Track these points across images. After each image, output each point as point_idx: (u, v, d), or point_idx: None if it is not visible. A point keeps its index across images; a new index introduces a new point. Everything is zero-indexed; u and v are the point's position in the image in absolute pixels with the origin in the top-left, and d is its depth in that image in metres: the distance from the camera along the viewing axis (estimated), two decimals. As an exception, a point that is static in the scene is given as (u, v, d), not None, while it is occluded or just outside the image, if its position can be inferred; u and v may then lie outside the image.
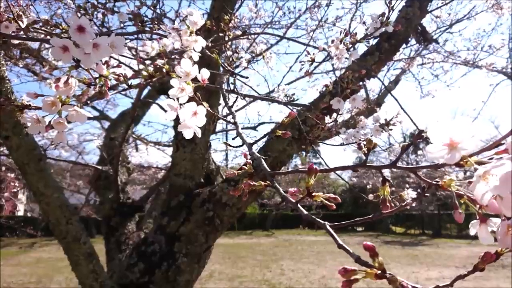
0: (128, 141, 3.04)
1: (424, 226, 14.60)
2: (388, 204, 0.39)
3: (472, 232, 0.35)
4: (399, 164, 0.37)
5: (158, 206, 2.38)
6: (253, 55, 2.55)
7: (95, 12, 0.94)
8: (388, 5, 0.80)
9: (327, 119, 1.40)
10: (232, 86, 1.12)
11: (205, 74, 0.59)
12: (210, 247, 1.86)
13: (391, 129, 1.07)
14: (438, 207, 13.40)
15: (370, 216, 0.40)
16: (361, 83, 2.12)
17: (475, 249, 9.28)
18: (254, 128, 2.46)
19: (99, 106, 3.63)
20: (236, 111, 2.19)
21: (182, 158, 1.89)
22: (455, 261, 7.53)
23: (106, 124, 3.39)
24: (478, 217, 0.34)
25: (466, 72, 3.83)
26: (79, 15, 0.90)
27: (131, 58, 0.70)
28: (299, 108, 1.21)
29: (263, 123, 2.38)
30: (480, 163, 0.29)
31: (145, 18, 1.07)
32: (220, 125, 3.24)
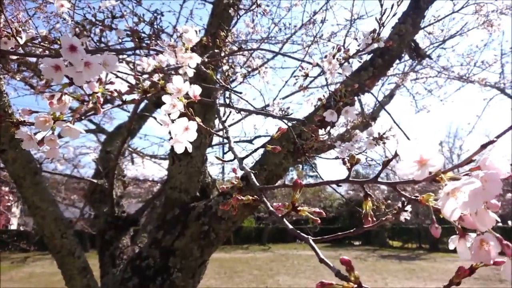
0: (124, 154, 3.04)
1: (421, 240, 14.53)
2: (370, 218, 0.40)
3: (451, 246, 0.36)
4: (380, 179, 0.38)
5: (153, 219, 2.37)
6: (250, 69, 2.58)
7: (93, 28, 0.96)
8: (379, 22, 0.82)
9: (321, 131, 1.42)
10: (227, 101, 1.13)
11: (196, 90, 0.60)
12: (205, 261, 1.85)
13: (384, 143, 1.08)
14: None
15: (352, 230, 0.41)
16: (356, 97, 2.16)
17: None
18: (250, 141, 2.47)
19: (95, 119, 3.64)
20: (232, 124, 2.21)
21: (178, 171, 1.89)
22: (453, 275, 7.46)
23: (103, 137, 3.40)
24: (457, 232, 0.35)
25: (460, 87, 3.88)
26: (77, 31, 0.92)
27: (128, 74, 0.71)
28: (293, 122, 1.23)
29: (259, 136, 2.40)
30: (454, 179, 0.30)
31: (143, 34, 1.09)
32: (216, 139, 3.26)
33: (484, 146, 0.30)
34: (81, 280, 1.49)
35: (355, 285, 0.33)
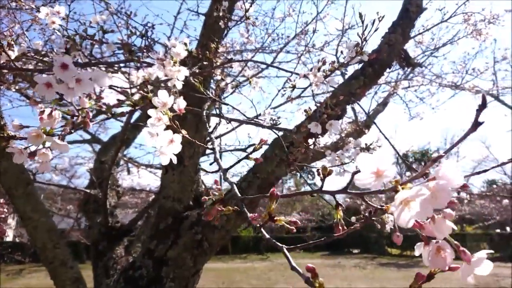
0: (119, 164, 3.05)
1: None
2: (340, 227, 0.42)
3: (416, 253, 0.38)
4: (350, 189, 0.40)
5: (147, 229, 2.37)
6: (244, 79, 2.61)
7: (84, 42, 0.98)
8: (361, 37, 0.85)
9: (311, 141, 1.44)
10: (217, 111, 1.15)
11: (181, 103, 0.62)
12: (198, 271, 1.85)
13: (371, 153, 1.10)
14: (433, 228, 13.34)
15: (323, 238, 0.43)
16: (348, 106, 2.18)
17: (471, 271, 9.19)
18: (244, 150, 2.48)
19: (90, 129, 3.65)
20: (225, 133, 2.23)
21: (171, 180, 1.90)
22: (452, 282, 7.43)
23: (98, 147, 3.41)
24: (422, 240, 0.36)
25: (453, 94, 3.93)
26: (68, 46, 0.94)
27: (117, 88, 0.73)
28: (282, 131, 1.25)
29: (253, 145, 2.41)
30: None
31: (134, 47, 1.11)
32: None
33: (434, 161, 0.32)
34: (73, 291, 1.49)
35: None
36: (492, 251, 0.37)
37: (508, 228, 12.92)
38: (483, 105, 0.28)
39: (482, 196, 10.98)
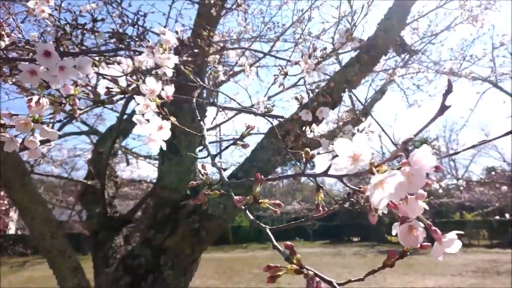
0: (116, 155, 3.06)
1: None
2: (320, 208, 0.43)
3: (393, 232, 0.39)
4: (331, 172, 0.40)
5: (145, 219, 2.39)
6: (241, 68, 2.60)
7: (74, 31, 0.98)
8: (350, 22, 0.85)
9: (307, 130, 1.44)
10: (211, 100, 1.15)
11: (169, 90, 0.62)
12: (196, 259, 1.87)
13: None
14: (433, 215, 13.45)
15: (303, 219, 0.44)
16: (344, 93, 2.18)
17: (470, 257, 9.30)
18: (242, 139, 2.49)
19: (88, 121, 3.65)
20: (222, 123, 2.23)
21: (168, 170, 1.92)
22: (451, 269, 7.52)
23: (96, 138, 3.41)
24: (398, 219, 0.37)
25: (452, 81, 3.91)
26: (58, 34, 0.94)
27: (107, 76, 0.73)
28: (275, 119, 1.25)
29: (250, 134, 2.41)
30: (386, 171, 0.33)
31: (125, 36, 1.11)
32: (210, 137, 3.28)
33: (405, 143, 0.33)
34: (72, 280, 1.51)
35: (297, 268, 0.36)
36: (461, 232, 0.38)
37: (507, 215, 13.00)
38: (449, 90, 0.28)
39: (482, 183, 11.02)
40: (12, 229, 13.66)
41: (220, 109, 1.49)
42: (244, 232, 15.47)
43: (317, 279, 0.34)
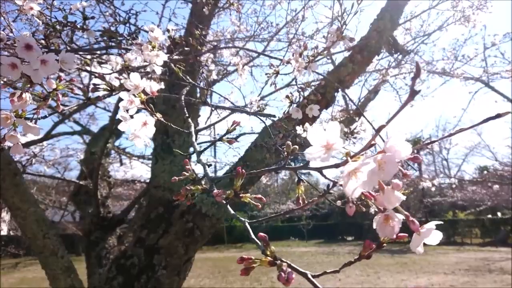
0: (109, 154, 3.04)
1: (412, 234, 14.73)
2: (301, 201, 0.43)
3: (374, 225, 0.39)
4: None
5: (138, 219, 2.38)
6: (235, 68, 2.60)
7: (64, 29, 0.97)
8: (340, 20, 0.85)
9: (299, 128, 1.44)
10: (203, 98, 1.15)
11: (153, 86, 0.62)
12: (190, 258, 1.87)
13: (355, 137, 1.12)
14: (426, 214, 13.55)
15: (283, 212, 0.44)
16: (337, 93, 2.19)
17: (462, 255, 9.38)
18: (236, 138, 2.49)
19: (81, 120, 3.63)
20: (216, 122, 2.23)
21: (161, 170, 1.91)
22: (444, 267, 7.59)
23: (89, 139, 3.38)
24: (378, 211, 0.38)
25: (444, 81, 3.95)
26: (47, 32, 0.93)
27: (96, 73, 0.73)
28: (267, 117, 1.25)
29: (244, 133, 2.41)
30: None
31: (117, 34, 1.10)
32: (203, 137, 3.27)
33: (378, 130, 0.33)
34: (65, 280, 1.50)
35: (271, 259, 0.36)
36: (439, 222, 0.38)
37: (499, 214, 13.14)
38: (417, 74, 0.28)
39: (474, 182, 11.13)
40: (4, 230, 13.49)
41: (213, 108, 1.49)
42: (239, 232, 15.46)
43: (289, 269, 0.35)
